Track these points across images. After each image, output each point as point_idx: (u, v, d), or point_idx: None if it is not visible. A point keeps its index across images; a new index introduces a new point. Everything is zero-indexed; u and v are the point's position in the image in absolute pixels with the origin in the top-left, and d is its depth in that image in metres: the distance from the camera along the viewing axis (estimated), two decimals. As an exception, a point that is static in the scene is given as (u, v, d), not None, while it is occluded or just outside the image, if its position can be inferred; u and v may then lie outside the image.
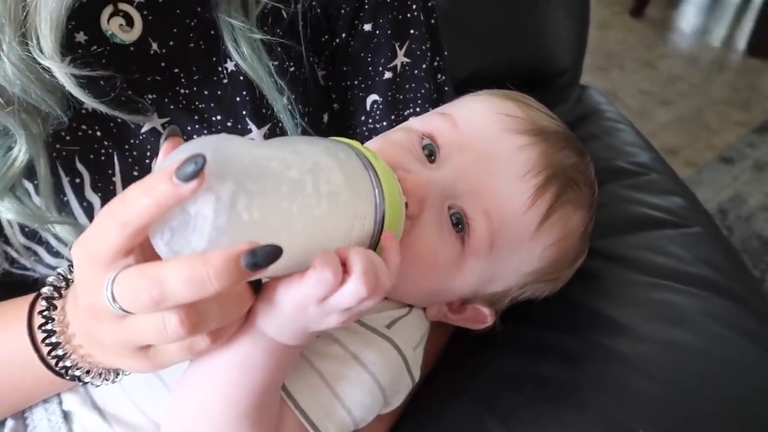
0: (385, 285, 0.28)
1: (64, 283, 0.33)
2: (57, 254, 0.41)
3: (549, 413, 0.35)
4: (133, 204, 0.25)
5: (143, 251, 0.27)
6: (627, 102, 1.93)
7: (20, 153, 0.36)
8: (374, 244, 0.30)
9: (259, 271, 0.24)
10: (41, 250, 0.41)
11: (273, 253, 0.24)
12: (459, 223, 0.35)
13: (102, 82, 0.36)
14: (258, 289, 0.28)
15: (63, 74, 0.33)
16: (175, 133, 0.28)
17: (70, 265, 0.34)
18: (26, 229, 0.39)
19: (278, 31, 0.41)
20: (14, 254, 0.40)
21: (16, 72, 0.33)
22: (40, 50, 0.33)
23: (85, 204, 0.40)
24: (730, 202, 1.51)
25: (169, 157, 0.27)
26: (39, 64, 0.33)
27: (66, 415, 0.39)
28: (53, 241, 0.40)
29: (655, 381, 0.37)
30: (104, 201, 0.40)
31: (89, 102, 0.35)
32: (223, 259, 0.24)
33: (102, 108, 0.36)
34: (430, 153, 0.36)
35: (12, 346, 0.34)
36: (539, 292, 0.40)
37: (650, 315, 0.41)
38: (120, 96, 0.38)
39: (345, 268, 0.27)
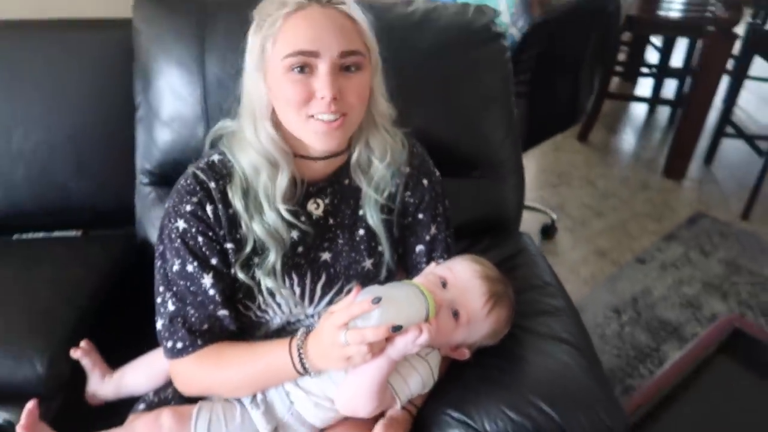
0: (434, 338, 0.79)
1: (305, 335, 0.85)
2: (283, 312, 0.92)
3: (490, 388, 0.87)
4: (353, 310, 0.76)
5: None
6: (571, 213, 2.49)
7: (270, 260, 0.87)
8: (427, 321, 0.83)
9: (395, 334, 0.76)
10: (274, 307, 0.92)
11: (400, 328, 0.76)
12: (456, 314, 0.87)
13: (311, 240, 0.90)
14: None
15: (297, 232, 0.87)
16: (360, 285, 0.81)
17: (306, 332, 0.85)
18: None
19: (386, 217, 0.94)
20: (258, 312, 0.91)
21: (281, 223, 0.86)
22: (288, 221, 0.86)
23: (297, 290, 0.91)
24: (641, 293, 2.04)
25: (361, 294, 0.79)
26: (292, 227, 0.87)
27: (286, 393, 0.89)
28: (278, 300, 0.91)
29: (536, 380, 0.89)
30: (302, 291, 0.91)
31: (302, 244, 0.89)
32: (385, 329, 0.75)
33: (311, 250, 0.90)
34: (444, 284, 0.89)
35: (279, 365, 0.83)
36: (489, 342, 0.92)
37: (537, 351, 0.94)
38: (316, 246, 0.91)
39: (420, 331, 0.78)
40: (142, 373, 1.00)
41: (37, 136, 1.25)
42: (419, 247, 0.98)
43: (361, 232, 0.94)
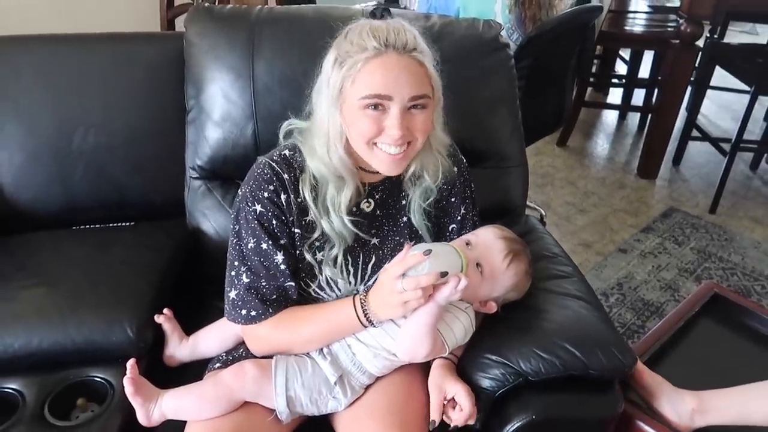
0: (468, 286, 0.96)
1: (365, 292, 1.01)
2: (339, 290, 1.07)
3: (521, 335, 1.04)
4: (408, 262, 0.92)
5: None
6: (556, 210, 2.70)
7: (333, 252, 1.03)
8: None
9: (441, 279, 0.93)
10: (332, 286, 1.07)
11: (446, 273, 0.92)
12: (479, 266, 1.04)
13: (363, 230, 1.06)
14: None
15: (354, 228, 1.03)
16: (410, 244, 0.98)
17: (366, 290, 1.02)
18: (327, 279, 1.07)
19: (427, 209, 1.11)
20: (317, 289, 1.07)
21: (345, 227, 1.02)
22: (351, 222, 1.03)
23: (351, 270, 1.07)
24: (624, 278, 2.24)
25: (414, 248, 0.95)
26: (349, 225, 1.02)
27: (348, 345, 1.05)
28: (334, 285, 1.07)
29: (559, 327, 1.07)
30: (355, 271, 1.08)
31: (361, 236, 1.05)
32: (435, 275, 0.91)
33: (363, 238, 1.06)
34: (468, 244, 1.06)
35: (346, 320, 0.99)
36: (513, 296, 1.09)
37: (556, 306, 1.12)
38: (366, 233, 1.07)
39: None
40: (214, 337, 1.14)
41: (95, 137, 1.39)
42: (452, 226, 1.15)
43: (405, 219, 1.10)
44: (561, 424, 1.02)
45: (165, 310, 1.13)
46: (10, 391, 0.99)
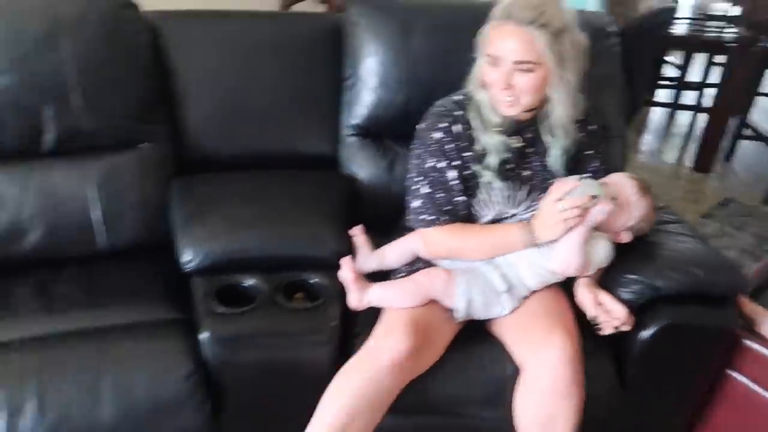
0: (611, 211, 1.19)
1: (528, 221, 1.24)
2: (495, 209, 1.30)
3: (651, 260, 1.28)
4: (563, 188, 1.16)
5: None
6: (620, 196, 2.92)
7: (489, 159, 1.25)
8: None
9: (591, 203, 1.15)
10: (490, 205, 1.29)
11: (596, 197, 1.15)
12: (614, 200, 1.24)
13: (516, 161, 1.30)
14: None
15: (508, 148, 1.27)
16: (559, 178, 1.22)
17: (529, 219, 1.25)
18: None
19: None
20: (477, 207, 1.29)
21: (498, 141, 1.26)
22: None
23: (508, 194, 1.29)
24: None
25: (570, 178, 1.20)
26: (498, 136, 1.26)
27: (513, 263, 1.27)
28: (494, 198, 1.29)
29: (681, 254, 1.29)
30: (510, 191, 1.29)
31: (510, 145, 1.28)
32: (588, 197, 1.14)
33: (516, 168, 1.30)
34: (603, 184, 1.28)
35: (512, 238, 1.23)
36: (644, 227, 1.30)
37: (675, 241, 1.34)
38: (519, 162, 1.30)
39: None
40: (397, 253, 1.36)
41: (264, 98, 1.63)
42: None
43: (539, 165, 1.32)
44: (689, 330, 1.24)
45: (357, 227, 1.37)
46: (249, 285, 1.24)
